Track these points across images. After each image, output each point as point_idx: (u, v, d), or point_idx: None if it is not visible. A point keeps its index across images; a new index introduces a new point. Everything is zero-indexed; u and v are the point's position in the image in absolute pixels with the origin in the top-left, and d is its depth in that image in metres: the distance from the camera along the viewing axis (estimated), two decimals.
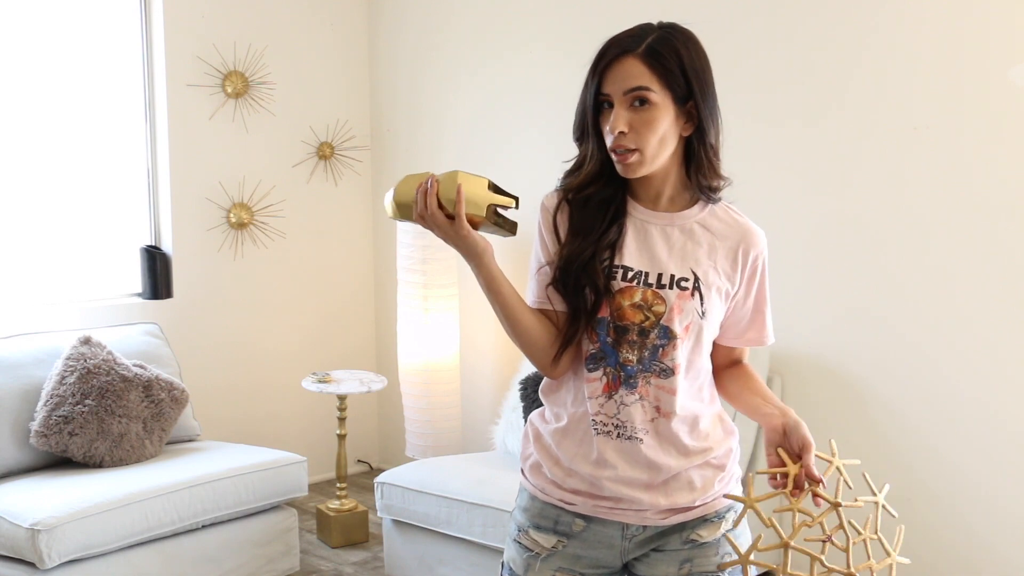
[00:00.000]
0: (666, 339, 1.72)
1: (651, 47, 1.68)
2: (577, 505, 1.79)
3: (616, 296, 1.73)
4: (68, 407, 3.51)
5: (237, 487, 3.55)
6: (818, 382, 3.63)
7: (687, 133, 1.73)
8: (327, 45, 4.90)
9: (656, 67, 1.67)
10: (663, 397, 1.73)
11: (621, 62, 1.68)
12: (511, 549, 1.86)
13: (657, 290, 1.72)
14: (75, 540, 3.13)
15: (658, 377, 1.73)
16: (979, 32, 3.22)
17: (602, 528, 1.79)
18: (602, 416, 1.75)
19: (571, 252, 1.74)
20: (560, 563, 1.80)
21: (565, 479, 1.79)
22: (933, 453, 3.40)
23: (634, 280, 1.73)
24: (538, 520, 1.82)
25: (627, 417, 1.73)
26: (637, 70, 1.67)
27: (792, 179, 3.62)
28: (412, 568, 3.65)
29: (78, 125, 4.23)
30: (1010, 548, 3.27)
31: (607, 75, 1.69)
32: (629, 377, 1.73)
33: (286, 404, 4.80)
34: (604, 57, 1.71)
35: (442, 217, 1.67)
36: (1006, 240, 3.23)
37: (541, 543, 1.81)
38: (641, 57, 1.68)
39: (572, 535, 1.80)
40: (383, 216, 5.04)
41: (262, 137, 4.68)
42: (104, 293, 4.32)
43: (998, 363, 3.26)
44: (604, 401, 1.75)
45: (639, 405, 1.73)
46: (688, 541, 1.78)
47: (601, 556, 1.80)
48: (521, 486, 1.89)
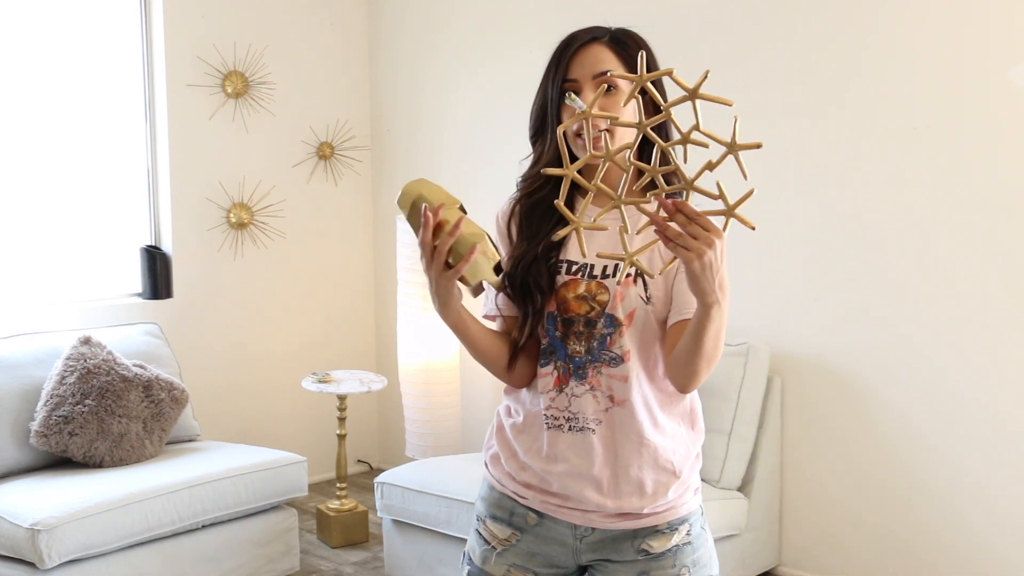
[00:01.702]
0: (612, 327, 1.72)
1: (616, 36, 1.78)
2: (528, 499, 1.80)
3: (560, 290, 1.75)
4: (68, 407, 3.51)
5: (237, 487, 3.55)
6: (818, 382, 3.63)
7: None
8: (327, 45, 4.90)
9: (622, 54, 1.75)
10: (616, 386, 1.72)
11: (589, 47, 1.75)
12: (472, 538, 1.88)
13: (602, 280, 1.73)
14: (75, 540, 3.13)
15: (608, 366, 1.72)
16: (979, 32, 3.22)
17: (554, 525, 1.79)
18: (553, 410, 1.75)
19: (517, 255, 1.77)
20: (514, 559, 1.80)
21: (519, 472, 1.80)
22: (933, 453, 3.40)
23: (578, 273, 1.75)
24: (495, 511, 1.83)
25: (578, 408, 1.74)
26: (605, 55, 1.74)
27: (792, 179, 3.62)
28: (412, 568, 3.65)
29: (78, 125, 4.23)
30: (1010, 548, 3.27)
31: (575, 60, 1.75)
32: (578, 368, 1.73)
33: (286, 404, 4.80)
34: (572, 44, 1.77)
35: (442, 261, 1.64)
36: (1006, 240, 3.23)
37: (497, 534, 1.82)
38: (608, 44, 1.76)
39: (526, 529, 1.80)
40: (383, 216, 5.04)
41: (262, 137, 4.68)
42: (104, 293, 4.32)
43: (998, 363, 3.26)
44: (555, 395, 1.75)
45: (590, 396, 1.73)
46: (640, 551, 1.76)
47: (554, 554, 1.79)
48: (483, 476, 1.90)
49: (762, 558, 3.67)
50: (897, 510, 3.47)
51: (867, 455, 3.54)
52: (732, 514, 3.46)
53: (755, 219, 1.86)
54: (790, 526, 3.74)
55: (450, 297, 1.70)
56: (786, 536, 3.75)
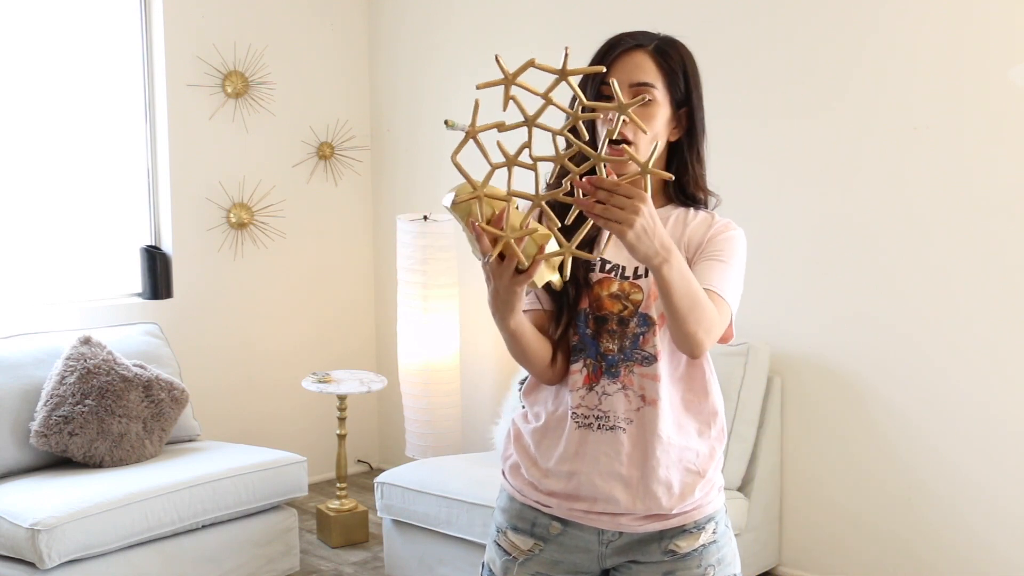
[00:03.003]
0: (646, 326, 1.72)
1: (660, 46, 1.75)
2: (553, 508, 1.78)
3: (595, 287, 1.74)
4: (68, 407, 3.51)
5: (237, 487, 3.55)
6: (818, 382, 3.63)
7: (674, 139, 1.77)
8: (327, 45, 4.90)
9: (663, 65, 1.73)
10: (648, 385, 1.72)
11: (632, 54, 1.73)
12: (491, 550, 1.85)
13: (634, 280, 1.73)
14: (75, 540, 3.13)
15: (641, 365, 1.72)
16: (979, 32, 3.22)
17: (579, 532, 1.77)
18: (583, 408, 1.74)
19: None
20: (537, 568, 1.79)
21: (542, 480, 1.78)
22: (933, 453, 3.40)
23: (611, 271, 1.74)
24: (516, 522, 1.81)
25: (609, 407, 1.73)
26: (647, 64, 1.73)
27: (792, 179, 3.62)
28: (412, 568, 3.65)
29: (78, 125, 4.23)
30: (1010, 548, 3.27)
31: (615, 64, 1.73)
32: (611, 367, 1.73)
33: (286, 404, 4.80)
34: (616, 47, 1.74)
35: (513, 268, 1.53)
36: (1006, 240, 3.23)
37: (519, 545, 1.80)
38: (651, 53, 1.74)
39: (549, 539, 1.78)
40: (383, 216, 5.04)
41: (262, 137, 4.68)
42: (104, 293, 4.32)
43: (998, 363, 3.26)
44: (585, 393, 1.74)
45: (622, 395, 1.72)
46: (667, 552, 1.75)
47: (579, 561, 1.78)
48: (501, 486, 1.88)
49: (762, 558, 3.67)
50: (897, 510, 3.47)
51: (867, 455, 3.54)
52: (732, 514, 3.42)
53: (756, 219, 1.86)
54: (790, 526, 3.74)
55: (518, 303, 1.61)
56: (786, 536, 3.75)
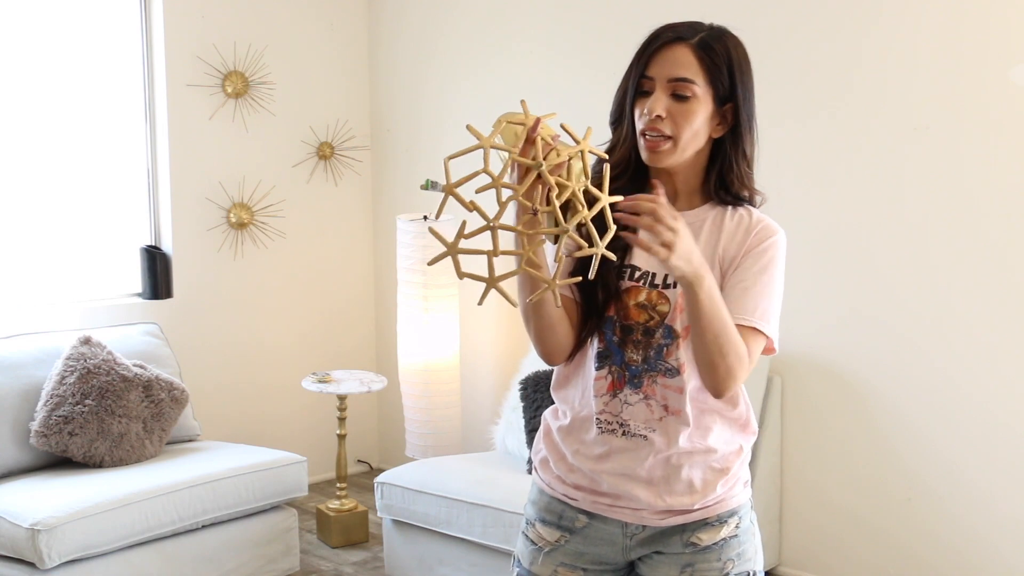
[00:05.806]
0: (670, 339, 1.71)
1: (704, 40, 1.69)
2: (579, 500, 1.80)
3: (623, 296, 1.72)
4: (68, 407, 3.51)
5: (237, 487, 3.55)
6: (818, 382, 3.63)
7: (717, 135, 1.72)
8: (327, 45, 4.90)
9: (705, 60, 1.68)
10: (671, 396, 1.72)
11: (672, 48, 1.68)
12: (520, 541, 1.88)
13: (663, 290, 1.71)
14: (75, 540, 3.13)
15: (664, 376, 1.72)
16: (979, 32, 3.22)
17: (603, 525, 1.79)
18: (606, 415, 1.75)
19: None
20: (562, 559, 1.81)
21: (568, 474, 1.80)
22: (933, 453, 3.40)
23: (640, 280, 1.73)
24: (544, 514, 1.84)
25: (630, 416, 1.73)
26: (687, 59, 1.67)
27: (792, 179, 3.62)
28: (412, 568, 3.65)
29: (78, 125, 4.23)
30: (1010, 548, 3.27)
31: (655, 58, 1.68)
32: (634, 376, 1.73)
33: (286, 404, 4.80)
34: (656, 40, 1.69)
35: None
36: (1006, 240, 3.23)
37: (545, 537, 1.83)
38: (693, 48, 1.68)
39: (575, 531, 1.81)
40: (383, 216, 5.04)
41: (262, 137, 4.68)
42: (104, 293, 4.32)
43: (998, 363, 3.26)
44: (608, 400, 1.74)
45: (644, 404, 1.73)
46: (689, 544, 1.77)
47: (604, 553, 1.80)
48: (532, 480, 1.91)
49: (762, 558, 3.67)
50: (897, 510, 3.47)
51: (867, 455, 3.54)
52: None
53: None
54: (790, 526, 3.74)
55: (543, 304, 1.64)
56: (786, 536, 3.75)
